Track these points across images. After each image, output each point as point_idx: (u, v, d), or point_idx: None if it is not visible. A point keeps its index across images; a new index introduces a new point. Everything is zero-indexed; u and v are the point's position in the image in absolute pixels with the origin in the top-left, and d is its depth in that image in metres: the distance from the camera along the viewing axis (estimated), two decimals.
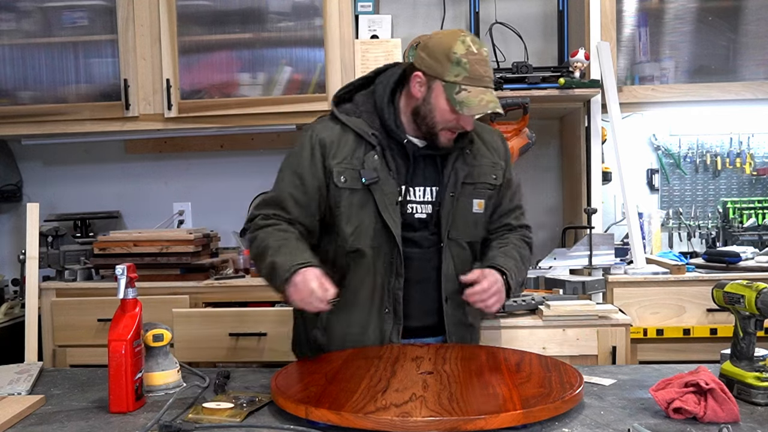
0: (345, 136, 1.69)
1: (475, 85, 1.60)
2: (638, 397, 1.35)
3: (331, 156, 1.67)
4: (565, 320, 2.21)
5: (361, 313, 1.69)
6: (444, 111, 1.63)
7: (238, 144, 3.23)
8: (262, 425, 1.24)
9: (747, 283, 1.36)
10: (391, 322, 1.68)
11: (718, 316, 2.45)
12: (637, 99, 2.80)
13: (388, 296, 1.68)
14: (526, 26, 3.10)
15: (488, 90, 1.61)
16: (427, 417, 1.13)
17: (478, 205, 1.74)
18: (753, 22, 2.81)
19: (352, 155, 1.67)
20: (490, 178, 1.76)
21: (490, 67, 1.63)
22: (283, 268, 1.53)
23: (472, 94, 1.59)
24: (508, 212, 1.81)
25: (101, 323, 2.61)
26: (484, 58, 1.61)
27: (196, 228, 2.92)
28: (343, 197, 1.66)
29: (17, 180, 3.32)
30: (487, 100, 1.60)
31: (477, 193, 1.74)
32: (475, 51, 1.60)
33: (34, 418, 1.33)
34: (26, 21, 2.90)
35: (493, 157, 1.79)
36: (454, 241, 1.71)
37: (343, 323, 1.70)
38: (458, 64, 1.59)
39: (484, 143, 1.79)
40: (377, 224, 1.66)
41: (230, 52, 2.83)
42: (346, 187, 1.65)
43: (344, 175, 1.65)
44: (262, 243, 1.62)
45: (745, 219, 3.00)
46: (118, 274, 1.39)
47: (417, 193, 1.70)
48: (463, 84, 1.59)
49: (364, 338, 1.68)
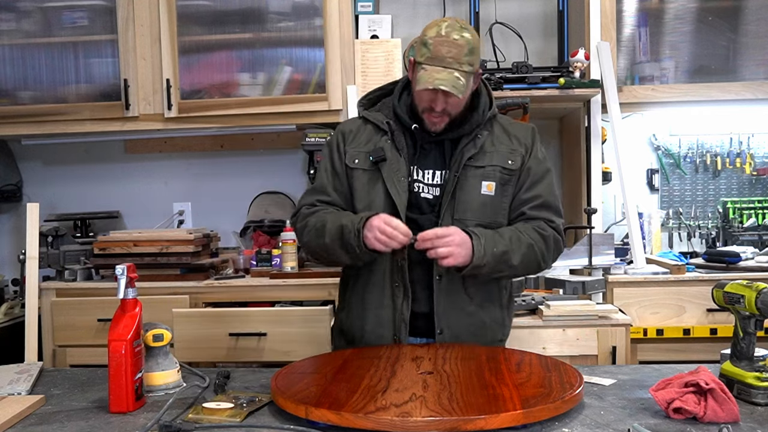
0: (364, 126, 1.83)
1: (434, 64, 1.64)
2: (638, 397, 1.35)
3: (349, 142, 1.81)
4: (565, 320, 2.21)
5: (377, 289, 1.74)
6: (415, 89, 1.71)
7: (238, 144, 3.23)
8: (262, 425, 1.24)
9: (747, 283, 1.36)
10: (401, 296, 1.71)
11: (718, 316, 2.45)
12: (637, 99, 2.80)
13: (396, 270, 1.72)
14: (526, 26, 3.10)
15: (446, 70, 1.63)
16: (427, 417, 1.13)
17: (487, 187, 1.73)
18: (753, 22, 2.81)
19: (367, 142, 1.79)
20: (505, 162, 1.75)
21: (458, 49, 1.64)
22: (353, 222, 1.64)
23: (427, 72, 1.64)
24: (524, 202, 1.76)
25: (101, 323, 2.61)
26: (450, 40, 1.64)
27: (196, 228, 2.92)
28: (356, 177, 1.77)
29: (17, 180, 3.33)
30: (437, 77, 1.63)
31: (487, 175, 1.73)
32: (443, 34, 1.65)
33: (34, 418, 1.33)
34: (26, 21, 2.90)
35: (513, 144, 1.78)
36: (459, 222, 1.70)
37: (360, 300, 1.77)
38: (425, 45, 1.67)
39: (508, 133, 1.80)
40: (386, 201, 1.72)
41: (230, 52, 2.83)
42: (358, 167, 1.77)
43: (357, 158, 1.78)
44: (319, 221, 1.73)
45: (745, 219, 3.00)
46: (118, 274, 1.39)
47: (426, 175, 1.75)
48: (424, 63, 1.66)
49: (380, 313, 1.73)
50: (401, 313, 1.71)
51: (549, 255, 1.76)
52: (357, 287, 1.78)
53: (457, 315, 1.72)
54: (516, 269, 1.70)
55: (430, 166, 1.75)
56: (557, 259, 1.83)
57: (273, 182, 3.21)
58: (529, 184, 1.77)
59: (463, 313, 1.73)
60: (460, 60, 1.64)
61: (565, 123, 3.09)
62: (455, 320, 1.72)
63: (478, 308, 1.74)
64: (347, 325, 1.80)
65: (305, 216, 1.79)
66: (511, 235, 1.68)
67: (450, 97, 1.66)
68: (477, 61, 1.69)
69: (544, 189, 1.77)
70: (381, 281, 1.74)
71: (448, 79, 1.63)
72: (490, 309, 1.77)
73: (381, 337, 1.73)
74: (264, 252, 2.79)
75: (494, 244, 1.63)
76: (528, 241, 1.69)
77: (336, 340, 1.89)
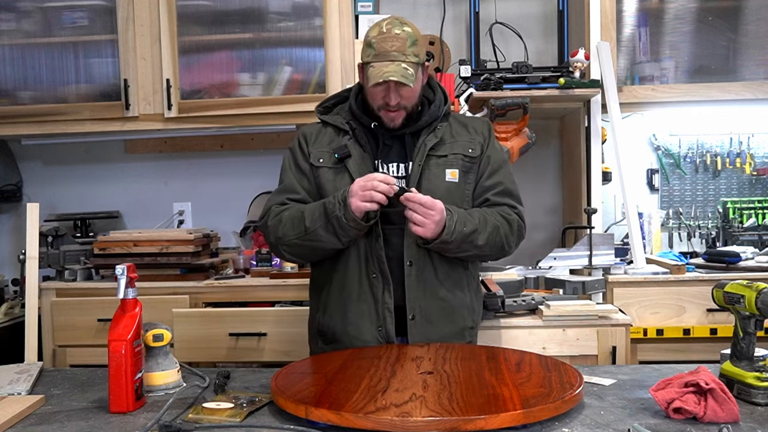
0: (324, 129, 1.87)
1: (381, 60, 1.70)
2: (638, 397, 1.35)
3: (311, 143, 1.84)
4: (565, 320, 2.21)
5: (353, 283, 1.75)
6: (367, 89, 1.76)
7: (238, 144, 3.23)
8: (262, 425, 1.24)
9: (747, 283, 1.36)
10: (381, 286, 1.72)
11: (718, 316, 2.45)
12: (637, 99, 2.80)
13: (373, 261, 1.73)
14: (526, 26, 3.10)
15: (393, 62, 1.69)
16: (427, 417, 1.13)
17: (451, 174, 1.79)
18: (753, 22, 2.81)
19: (330, 142, 1.82)
20: (465, 150, 1.81)
21: (401, 42, 1.70)
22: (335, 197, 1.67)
23: (376, 68, 1.70)
24: (487, 189, 1.82)
25: (101, 323, 2.61)
26: (393, 35, 1.70)
27: (196, 228, 2.92)
28: (322, 175, 1.80)
29: (17, 180, 3.33)
30: (385, 71, 1.68)
31: (449, 163, 1.79)
32: (385, 31, 1.72)
33: (34, 418, 1.33)
34: (26, 21, 2.90)
35: (472, 134, 1.85)
36: None
37: (338, 298, 1.77)
38: (369, 45, 1.73)
39: (465, 126, 1.87)
40: None
41: (230, 52, 2.83)
42: (323, 165, 1.80)
43: (321, 157, 1.81)
44: (295, 212, 1.74)
45: (745, 219, 3.00)
46: (118, 274, 1.39)
47: (389, 168, 1.79)
48: (372, 62, 1.71)
49: (360, 307, 1.73)
50: (384, 303, 1.72)
51: (513, 239, 1.81)
52: (332, 286, 1.79)
53: (428, 300, 1.76)
54: (482, 249, 1.74)
55: (393, 159, 1.79)
56: (519, 245, 1.86)
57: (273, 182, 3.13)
58: (490, 172, 1.83)
59: (434, 298, 1.77)
60: (404, 51, 1.70)
61: (565, 123, 3.09)
62: (426, 304, 1.75)
63: (448, 293, 1.79)
64: (326, 324, 1.79)
65: (277, 213, 1.78)
66: (479, 216, 1.74)
67: (402, 89, 1.71)
68: (422, 53, 1.76)
69: (504, 177, 1.85)
70: (357, 275, 1.75)
71: (397, 70, 1.68)
72: (459, 294, 1.81)
73: (364, 331, 1.73)
74: (264, 252, 2.79)
75: (464, 224, 1.68)
76: (494, 222, 1.75)
77: (314, 343, 1.86)
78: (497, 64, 3.02)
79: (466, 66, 2.70)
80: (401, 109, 1.75)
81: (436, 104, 1.83)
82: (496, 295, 2.24)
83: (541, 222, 3.15)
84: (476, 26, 2.90)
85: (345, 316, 1.76)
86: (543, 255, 2.54)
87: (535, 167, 3.14)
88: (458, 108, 2.60)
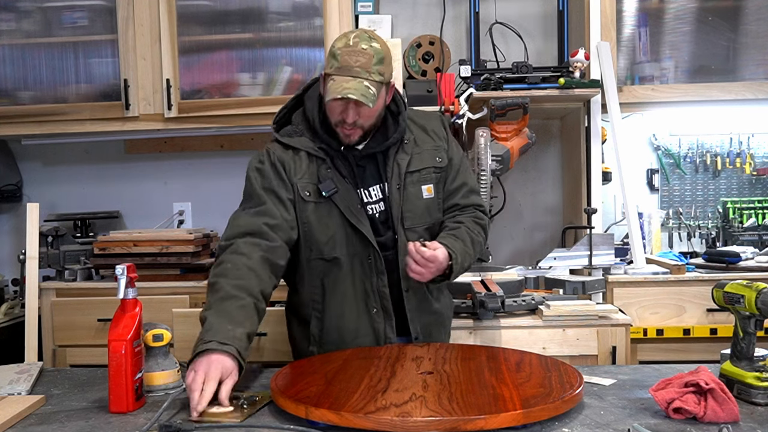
0: (297, 155, 1.73)
1: (342, 74, 1.60)
2: (638, 397, 1.35)
3: (293, 173, 1.70)
4: (565, 320, 2.21)
5: (350, 318, 1.72)
6: (326, 102, 1.65)
7: (238, 144, 3.23)
8: (262, 425, 1.24)
9: (747, 283, 1.36)
10: (382, 321, 1.71)
11: (718, 316, 2.45)
12: (637, 99, 2.81)
13: (374, 296, 1.71)
14: (526, 26, 3.10)
15: (355, 79, 1.59)
16: (427, 417, 1.13)
17: (427, 191, 1.77)
18: (753, 22, 2.81)
19: (308, 170, 1.70)
20: (434, 161, 1.78)
21: (367, 58, 1.60)
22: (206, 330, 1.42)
23: (336, 82, 1.60)
24: (453, 192, 1.82)
25: (101, 323, 2.61)
26: (359, 50, 1.60)
27: (196, 228, 2.92)
28: (309, 210, 1.69)
29: (17, 180, 3.32)
30: (345, 87, 1.58)
31: (424, 179, 1.76)
32: (351, 44, 1.61)
33: (34, 418, 1.33)
34: (26, 21, 2.90)
35: (435, 141, 1.81)
36: (410, 231, 1.73)
37: (335, 333, 1.73)
38: (333, 56, 1.63)
39: (424, 130, 1.82)
40: (347, 230, 1.70)
41: (230, 52, 2.83)
42: (311, 200, 1.69)
43: (307, 189, 1.70)
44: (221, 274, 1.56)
45: (745, 219, 3.00)
46: (118, 274, 1.38)
47: (371, 193, 1.74)
48: (333, 74, 1.61)
49: (360, 342, 1.71)
50: (386, 338, 1.71)
51: (486, 242, 1.86)
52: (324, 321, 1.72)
53: (427, 317, 1.78)
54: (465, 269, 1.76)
55: (370, 183, 1.74)
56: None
57: None
58: (454, 174, 1.82)
59: (430, 313, 1.80)
60: (369, 69, 1.60)
61: (565, 123, 3.09)
62: (426, 322, 1.78)
63: (438, 303, 1.82)
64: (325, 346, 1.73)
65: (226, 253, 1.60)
66: (471, 241, 1.74)
67: (361, 107, 1.63)
68: (388, 72, 1.66)
69: (466, 175, 1.85)
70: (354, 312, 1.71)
71: (358, 88, 1.58)
72: (443, 300, 1.87)
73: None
74: None
75: (464, 258, 1.68)
76: (479, 239, 1.78)
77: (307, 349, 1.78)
78: (497, 64, 3.02)
79: (466, 66, 2.70)
80: (357, 128, 1.67)
81: (403, 116, 1.77)
82: (496, 295, 2.24)
83: (541, 222, 3.15)
84: (476, 26, 2.90)
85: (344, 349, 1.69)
86: (543, 255, 2.54)
87: (535, 167, 3.15)
88: (458, 108, 2.60)
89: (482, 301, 2.11)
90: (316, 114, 1.73)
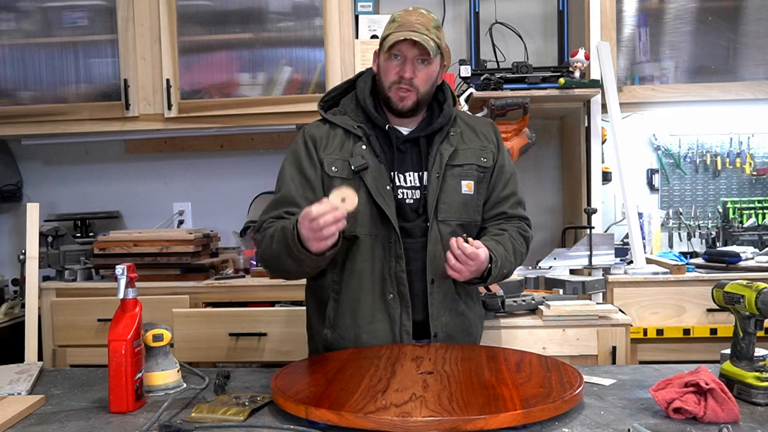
0: (333, 131, 1.75)
1: (402, 30, 1.65)
2: (638, 397, 1.35)
3: (322, 149, 1.72)
4: (565, 320, 2.21)
5: (366, 302, 1.69)
6: (382, 65, 1.71)
7: (238, 144, 3.23)
8: (262, 425, 1.24)
9: (747, 283, 1.36)
10: (398, 306, 1.68)
11: (718, 316, 2.45)
12: (637, 99, 2.81)
13: (391, 281, 1.68)
14: (526, 26, 3.10)
15: (415, 33, 1.64)
16: (427, 417, 1.13)
17: (467, 186, 1.74)
18: (753, 22, 2.81)
19: (341, 148, 1.72)
20: (479, 160, 1.77)
21: (426, 19, 1.68)
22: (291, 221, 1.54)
23: (395, 35, 1.65)
24: (502, 200, 1.80)
25: (101, 323, 2.61)
26: (419, 12, 1.69)
27: (196, 228, 2.92)
28: (335, 186, 1.65)
29: (17, 180, 3.32)
30: (404, 33, 1.64)
31: (465, 174, 1.75)
32: (411, 9, 1.70)
33: (34, 418, 1.33)
34: (26, 21, 2.90)
35: (483, 141, 1.80)
36: (443, 223, 1.71)
37: (348, 317, 1.70)
38: (393, 20, 1.70)
39: (473, 130, 1.82)
40: (372, 210, 1.68)
41: (230, 52, 2.83)
42: (338, 175, 1.69)
43: (335, 165, 1.70)
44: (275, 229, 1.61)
45: (745, 219, 3.00)
46: (118, 274, 1.38)
47: (406, 178, 1.72)
48: (393, 32, 1.67)
49: (374, 327, 1.68)
50: (402, 325, 1.67)
51: (527, 253, 1.84)
52: (340, 303, 1.71)
53: (450, 316, 1.73)
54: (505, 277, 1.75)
55: (408, 168, 1.72)
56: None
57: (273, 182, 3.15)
58: (505, 182, 1.81)
59: (455, 314, 1.74)
60: (428, 28, 1.66)
61: (565, 123, 3.09)
62: (448, 321, 1.73)
63: (465, 307, 1.77)
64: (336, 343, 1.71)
65: (266, 228, 1.65)
66: (513, 250, 1.72)
67: (418, 69, 1.67)
68: (443, 39, 1.72)
69: (516, 186, 1.84)
70: (369, 295, 1.68)
71: (420, 36, 1.63)
72: (473, 306, 1.81)
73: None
74: None
75: (502, 268, 1.66)
76: (521, 250, 1.77)
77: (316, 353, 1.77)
78: (497, 64, 3.02)
79: (466, 66, 2.70)
80: (413, 90, 1.68)
81: (449, 104, 1.78)
82: (496, 295, 2.24)
83: (541, 222, 3.15)
84: (476, 26, 2.90)
85: (358, 336, 1.68)
86: (543, 255, 2.54)
87: (535, 167, 3.15)
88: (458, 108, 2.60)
89: (482, 301, 2.11)
90: (368, 93, 1.76)
